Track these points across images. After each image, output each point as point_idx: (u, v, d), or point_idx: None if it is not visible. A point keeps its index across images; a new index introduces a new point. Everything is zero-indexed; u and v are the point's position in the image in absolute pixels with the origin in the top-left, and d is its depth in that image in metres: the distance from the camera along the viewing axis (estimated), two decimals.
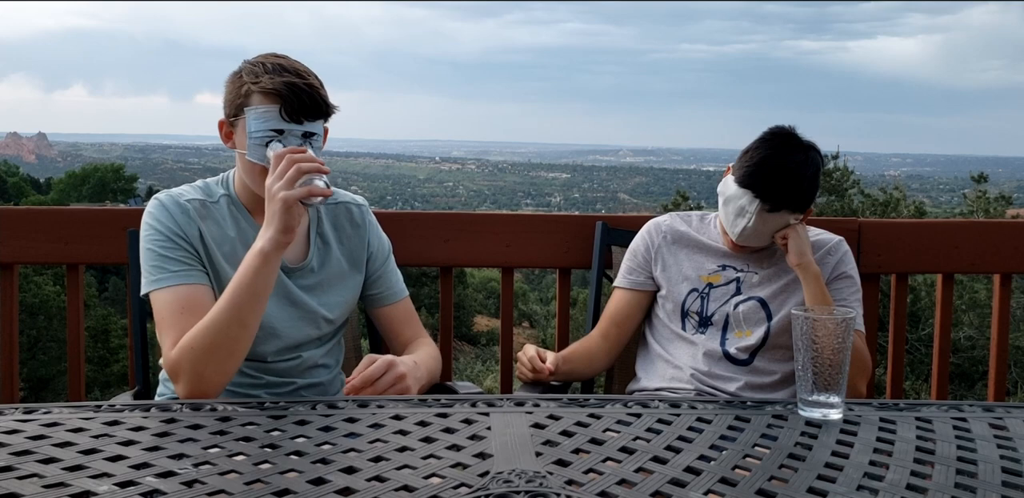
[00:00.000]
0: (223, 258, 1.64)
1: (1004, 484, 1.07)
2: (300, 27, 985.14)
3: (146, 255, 1.61)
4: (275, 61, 1.62)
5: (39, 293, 15.51)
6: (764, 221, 1.86)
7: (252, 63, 1.63)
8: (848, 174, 13.73)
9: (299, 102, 1.58)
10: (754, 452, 1.16)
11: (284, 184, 1.47)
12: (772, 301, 1.95)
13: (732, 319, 1.95)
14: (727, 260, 2.00)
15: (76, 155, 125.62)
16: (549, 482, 1.02)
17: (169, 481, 1.02)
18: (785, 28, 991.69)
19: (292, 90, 1.57)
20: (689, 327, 1.98)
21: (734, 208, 1.88)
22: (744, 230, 1.87)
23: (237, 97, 1.61)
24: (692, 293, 1.99)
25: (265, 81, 1.57)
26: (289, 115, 1.57)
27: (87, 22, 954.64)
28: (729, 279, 1.98)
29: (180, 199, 1.66)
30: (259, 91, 1.58)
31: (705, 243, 2.02)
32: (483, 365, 18.38)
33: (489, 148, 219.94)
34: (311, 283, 1.72)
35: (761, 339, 1.92)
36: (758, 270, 1.97)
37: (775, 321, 1.93)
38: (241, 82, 1.61)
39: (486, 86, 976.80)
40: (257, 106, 1.58)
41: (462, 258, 2.47)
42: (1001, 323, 2.49)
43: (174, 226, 1.62)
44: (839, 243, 2.00)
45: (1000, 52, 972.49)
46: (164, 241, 1.60)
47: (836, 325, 1.28)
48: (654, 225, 2.09)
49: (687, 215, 2.12)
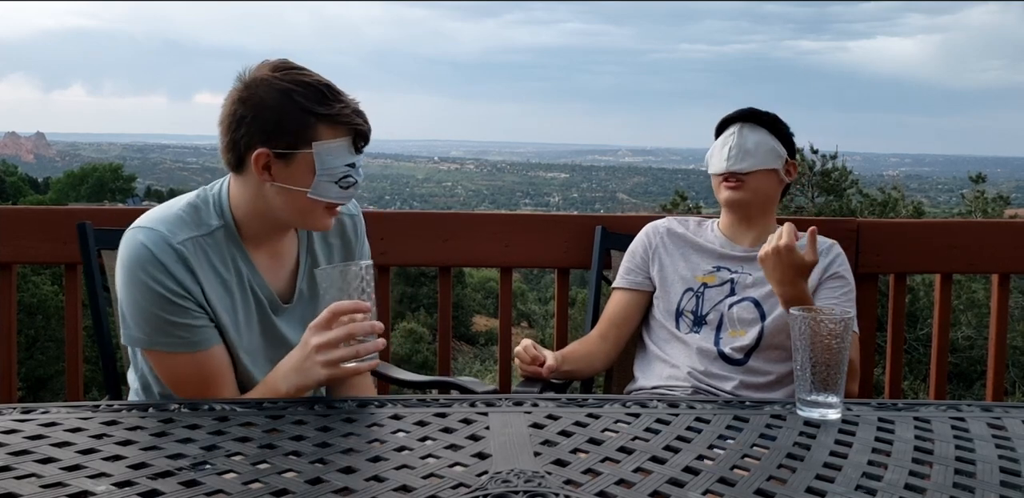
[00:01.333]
0: (218, 302, 1.48)
1: (1002, 484, 1.07)
2: (300, 27, 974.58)
3: (145, 315, 1.42)
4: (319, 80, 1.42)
5: (37, 293, 15.49)
6: (747, 135, 1.97)
7: (294, 82, 1.40)
8: (847, 174, 13.73)
9: (367, 129, 1.45)
10: (752, 452, 1.16)
11: (328, 350, 1.31)
12: (766, 302, 1.96)
13: (726, 319, 1.97)
14: (722, 261, 2.03)
15: (74, 155, 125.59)
16: (548, 482, 1.02)
17: (168, 481, 1.02)
18: (785, 28, 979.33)
19: (361, 118, 1.44)
20: (683, 326, 2.00)
21: (719, 146, 2.00)
22: (731, 149, 1.96)
23: (298, 127, 1.40)
24: (687, 293, 2.01)
25: (339, 111, 1.41)
26: (358, 146, 1.44)
27: (87, 22, 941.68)
28: (724, 280, 2.00)
29: (173, 242, 1.42)
30: (331, 122, 1.41)
31: (701, 244, 2.05)
32: (481, 365, 18.39)
33: (488, 148, 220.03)
34: (298, 317, 1.58)
35: (755, 339, 1.93)
36: (752, 271, 1.99)
37: (769, 321, 1.94)
38: (302, 110, 1.39)
39: (485, 86, 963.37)
40: (330, 140, 1.41)
41: (461, 258, 2.48)
42: (999, 323, 2.49)
43: (174, 285, 1.42)
44: (833, 246, 2.03)
45: (999, 52, 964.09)
46: (168, 305, 1.42)
47: (835, 325, 1.28)
48: (652, 227, 2.12)
49: (685, 219, 2.15)
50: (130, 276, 1.42)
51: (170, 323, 1.42)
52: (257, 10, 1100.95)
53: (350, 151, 1.44)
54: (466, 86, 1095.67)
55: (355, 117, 1.43)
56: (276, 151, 1.41)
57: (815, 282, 1.96)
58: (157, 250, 1.41)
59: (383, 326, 1.35)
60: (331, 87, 1.43)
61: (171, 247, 1.42)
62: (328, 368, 1.32)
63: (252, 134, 1.41)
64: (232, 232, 1.50)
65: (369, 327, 1.33)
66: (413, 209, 43.41)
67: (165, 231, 1.43)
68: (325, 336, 1.32)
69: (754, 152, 1.96)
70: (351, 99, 1.46)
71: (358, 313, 1.32)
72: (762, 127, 1.99)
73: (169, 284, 1.41)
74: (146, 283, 1.41)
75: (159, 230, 1.43)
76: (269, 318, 1.55)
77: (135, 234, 1.44)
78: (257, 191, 1.47)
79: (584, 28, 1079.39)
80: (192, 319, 1.44)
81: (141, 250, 1.41)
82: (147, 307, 1.42)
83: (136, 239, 1.43)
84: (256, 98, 1.41)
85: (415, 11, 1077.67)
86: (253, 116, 1.41)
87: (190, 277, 1.43)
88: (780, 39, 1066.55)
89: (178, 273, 1.42)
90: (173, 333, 1.43)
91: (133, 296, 1.43)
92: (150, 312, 1.42)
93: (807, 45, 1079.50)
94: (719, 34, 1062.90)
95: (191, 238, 1.45)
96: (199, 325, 1.45)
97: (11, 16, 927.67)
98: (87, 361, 2.57)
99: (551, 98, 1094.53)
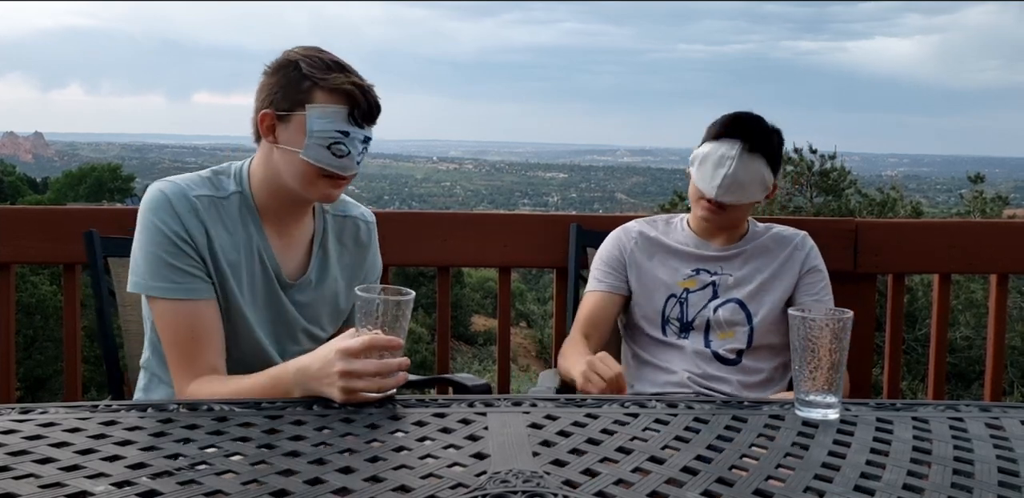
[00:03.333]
0: (226, 265, 1.55)
1: (1000, 484, 1.07)
2: (299, 27, 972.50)
3: (147, 256, 1.50)
4: (332, 58, 1.53)
5: (36, 293, 15.48)
6: (745, 166, 1.88)
7: (307, 56, 1.52)
8: (845, 174, 13.74)
9: (368, 105, 1.51)
10: (751, 452, 1.16)
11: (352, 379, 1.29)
12: (751, 302, 1.97)
13: (713, 323, 1.97)
14: (700, 263, 2.02)
15: (73, 155, 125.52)
16: (546, 482, 1.02)
17: (166, 481, 1.02)
18: (783, 28, 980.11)
19: (361, 93, 1.50)
20: (670, 332, 2.00)
21: (712, 161, 1.90)
22: (725, 178, 1.88)
23: (297, 91, 1.50)
24: (671, 299, 2.00)
25: (334, 79, 1.49)
26: (356, 118, 1.51)
27: (85, 21, 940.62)
28: (705, 283, 1.99)
29: (189, 193, 1.52)
30: (327, 88, 1.49)
31: (676, 248, 2.04)
32: (480, 364, 18.38)
33: (487, 148, 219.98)
34: (306, 300, 1.65)
35: (746, 341, 1.95)
36: (732, 272, 1.99)
37: (757, 322, 1.96)
38: (301, 75, 1.50)
39: (485, 86, 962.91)
40: (324, 104, 1.49)
41: (459, 258, 2.48)
42: (998, 323, 2.49)
43: (180, 230, 1.50)
44: (805, 238, 2.05)
45: (997, 52, 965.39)
46: (169, 246, 1.49)
47: (833, 325, 1.28)
48: (623, 231, 2.10)
49: (652, 220, 2.13)
50: (143, 220, 1.51)
51: (167, 265, 1.49)
52: (256, 10, 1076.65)
53: (346, 120, 1.50)
54: (465, 86, 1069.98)
55: (353, 88, 1.49)
56: (278, 113, 1.52)
57: (795, 276, 1.99)
58: (173, 197, 1.51)
59: (409, 363, 1.34)
60: (340, 63, 1.51)
61: (187, 197, 1.52)
62: (345, 394, 1.30)
63: (262, 99, 1.54)
64: (248, 200, 1.59)
65: (396, 365, 1.31)
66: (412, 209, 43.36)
67: (184, 185, 1.54)
68: (353, 365, 1.29)
69: (746, 186, 1.90)
70: (359, 77, 1.52)
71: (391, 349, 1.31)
72: (761, 155, 1.92)
73: (174, 227, 1.49)
74: (155, 224, 1.50)
75: (179, 183, 1.54)
76: (275, 289, 1.61)
77: (156, 185, 1.54)
78: (268, 155, 1.56)
79: (583, 28, 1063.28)
80: (189, 266, 1.50)
81: (158, 196, 1.51)
82: (150, 248, 1.50)
83: (156, 188, 1.54)
84: (273, 67, 1.54)
85: (414, 11, 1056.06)
86: (265, 83, 1.54)
87: (199, 227, 1.51)
88: (779, 39, 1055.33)
89: (187, 220, 1.50)
90: (169, 277, 1.49)
91: (141, 240, 1.51)
92: (151, 252, 1.50)
93: (806, 45, 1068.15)
94: (718, 34, 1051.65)
95: (208, 196, 1.55)
96: (195, 273, 1.51)
97: (9, 15, 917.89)
98: (85, 361, 2.57)
99: (550, 98, 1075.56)
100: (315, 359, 1.35)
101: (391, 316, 1.31)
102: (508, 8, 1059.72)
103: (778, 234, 2.06)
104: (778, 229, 2.08)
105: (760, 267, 2.00)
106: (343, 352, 1.29)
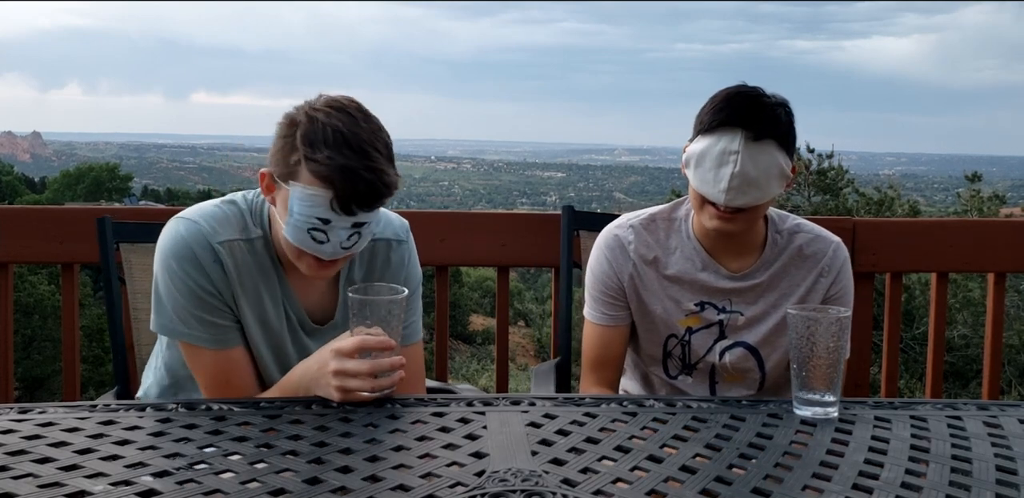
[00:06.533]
0: (248, 309, 1.48)
1: (998, 482, 1.07)
2: (296, 26, 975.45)
3: (175, 306, 1.44)
4: (339, 126, 1.33)
5: (34, 292, 15.46)
6: (753, 159, 1.53)
7: (312, 119, 1.34)
8: (843, 173, 13.73)
9: (354, 192, 1.32)
10: (749, 451, 1.16)
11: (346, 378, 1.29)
12: (763, 347, 1.71)
13: (719, 367, 1.74)
14: (706, 295, 1.70)
15: (71, 154, 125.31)
16: (545, 481, 1.02)
17: (165, 480, 1.02)
18: (780, 28, 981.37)
19: (349, 178, 1.31)
20: (672, 368, 1.77)
21: (713, 159, 1.55)
22: (732, 179, 1.52)
23: (286, 163, 1.35)
24: (671, 338, 1.74)
25: (320, 160, 1.31)
26: (340, 206, 1.33)
27: (82, 21, 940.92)
28: (710, 321, 1.71)
29: (212, 240, 1.42)
30: (310, 169, 1.32)
31: (678, 276, 1.71)
32: (478, 364, 18.37)
33: (485, 147, 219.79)
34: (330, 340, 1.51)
35: (757, 387, 1.76)
36: (743, 310, 1.70)
37: (769, 369, 1.73)
38: (294, 146, 1.34)
39: (482, 85, 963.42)
40: (305, 186, 1.33)
41: (457, 257, 2.48)
42: (995, 322, 2.49)
43: (207, 283, 1.42)
44: (835, 253, 1.70)
45: (994, 52, 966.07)
46: (197, 300, 1.43)
47: (832, 324, 1.29)
48: (618, 245, 1.74)
49: (651, 220, 1.76)
50: (167, 265, 1.43)
51: (198, 318, 1.44)
52: (253, 9, 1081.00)
53: (327, 206, 1.33)
54: (462, 85, 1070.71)
55: (336, 174, 1.31)
56: (274, 175, 1.39)
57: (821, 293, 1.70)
58: (196, 247, 1.42)
59: (404, 361, 1.34)
60: (343, 134, 1.32)
61: (210, 246, 1.42)
62: (341, 393, 1.31)
63: (269, 153, 1.41)
64: (270, 245, 1.49)
65: (389, 364, 1.31)
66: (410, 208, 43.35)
67: (208, 228, 1.43)
68: (346, 364, 1.29)
69: (760, 183, 1.55)
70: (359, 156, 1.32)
71: (385, 350, 1.31)
72: (771, 139, 1.55)
73: (202, 282, 1.42)
74: (180, 276, 1.42)
75: (202, 225, 1.43)
76: (300, 337, 1.55)
77: (178, 224, 1.44)
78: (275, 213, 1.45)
79: (580, 27, 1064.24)
80: (219, 318, 1.45)
81: (180, 243, 1.42)
82: (179, 300, 1.43)
83: (178, 231, 1.43)
84: (282, 121, 1.39)
85: (411, 10, 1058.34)
86: (275, 135, 1.40)
87: (223, 279, 1.44)
88: (776, 39, 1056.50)
89: (212, 272, 1.43)
90: (199, 328, 1.45)
91: (167, 286, 1.44)
92: (180, 305, 1.44)
93: (803, 45, 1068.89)
94: (715, 33, 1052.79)
95: (233, 240, 1.45)
96: (225, 324, 1.47)
97: (6, 15, 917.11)
98: (84, 361, 2.56)
99: (548, 97, 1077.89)
100: (314, 360, 1.37)
101: (383, 315, 1.32)
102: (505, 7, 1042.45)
103: (805, 247, 1.70)
104: (805, 238, 1.72)
105: (776, 303, 1.69)
106: (336, 352, 1.31)
